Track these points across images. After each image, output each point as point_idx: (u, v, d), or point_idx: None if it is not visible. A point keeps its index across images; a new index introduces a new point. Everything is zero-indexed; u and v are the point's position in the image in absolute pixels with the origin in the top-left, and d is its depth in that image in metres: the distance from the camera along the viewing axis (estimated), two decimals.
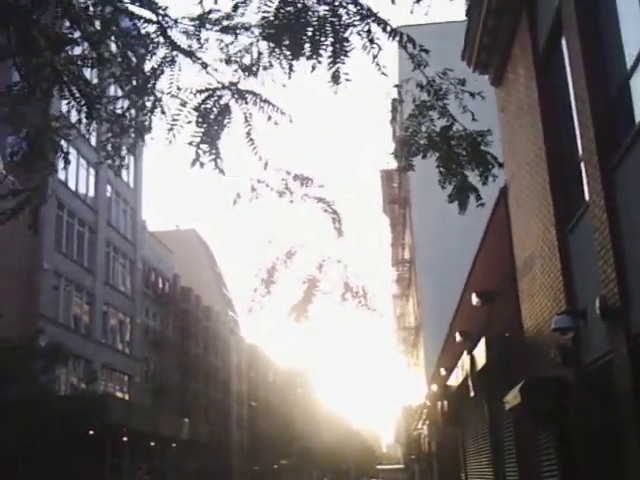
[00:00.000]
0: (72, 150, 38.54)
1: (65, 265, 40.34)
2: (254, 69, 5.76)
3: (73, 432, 30.77)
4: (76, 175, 42.40)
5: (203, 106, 5.88)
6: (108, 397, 40.13)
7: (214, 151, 5.91)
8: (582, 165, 8.88)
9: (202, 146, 5.86)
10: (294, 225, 7.01)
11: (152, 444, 43.79)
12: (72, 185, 42.00)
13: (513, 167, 12.31)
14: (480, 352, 13.69)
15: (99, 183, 45.54)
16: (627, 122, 7.56)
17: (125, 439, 38.42)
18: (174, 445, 47.88)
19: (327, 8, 5.52)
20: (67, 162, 6.73)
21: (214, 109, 5.91)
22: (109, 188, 47.77)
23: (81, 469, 33.14)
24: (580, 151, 8.91)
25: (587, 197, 8.62)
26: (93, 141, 42.20)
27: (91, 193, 45.05)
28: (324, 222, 6.86)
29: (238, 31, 5.69)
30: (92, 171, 44.23)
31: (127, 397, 47.41)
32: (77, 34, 5.91)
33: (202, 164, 5.92)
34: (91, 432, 33.76)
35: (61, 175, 39.28)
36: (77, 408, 31.52)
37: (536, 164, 10.66)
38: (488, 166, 6.77)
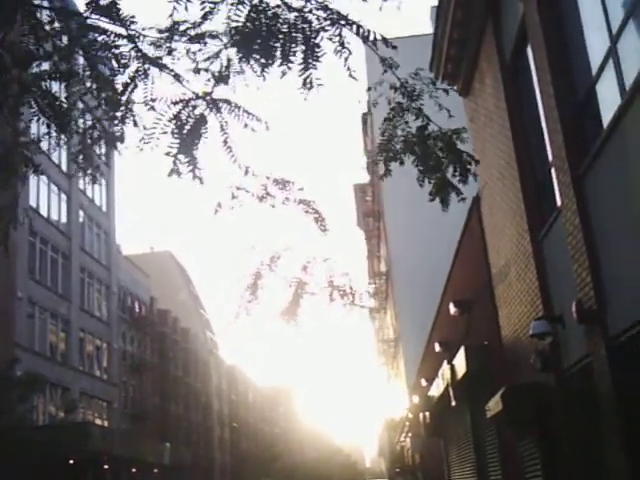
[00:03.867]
0: (43, 177, 38.30)
1: (39, 292, 39.90)
2: (225, 76, 5.78)
3: (53, 462, 30.36)
4: (48, 201, 42.07)
5: (178, 117, 5.88)
6: (88, 425, 39.61)
7: (192, 161, 5.90)
8: (553, 171, 8.99)
9: (179, 156, 5.85)
10: (276, 230, 7.09)
11: (134, 470, 43.22)
12: (44, 212, 41.62)
13: (485, 176, 12.41)
14: (460, 361, 13.73)
15: (71, 209, 45.18)
16: (595, 127, 7.68)
17: (106, 467, 37.90)
18: (156, 470, 47.30)
19: (296, 15, 5.55)
20: (39, 173, 6.70)
21: (189, 119, 5.92)
22: (81, 213, 47.40)
23: None
24: (550, 157, 9.02)
25: (559, 202, 8.71)
26: (64, 167, 42.13)
27: (63, 219, 44.67)
28: (306, 224, 6.95)
29: (206, 39, 5.71)
30: (64, 197, 43.91)
31: (107, 424, 46.83)
32: (44, 50, 5.90)
33: (179, 173, 5.90)
34: (71, 461, 33.29)
35: (32, 202, 38.98)
36: (56, 437, 31.12)
37: (507, 172, 10.77)
38: (465, 165, 6.79)
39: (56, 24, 5.66)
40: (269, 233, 7.08)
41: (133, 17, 5.60)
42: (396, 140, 6.75)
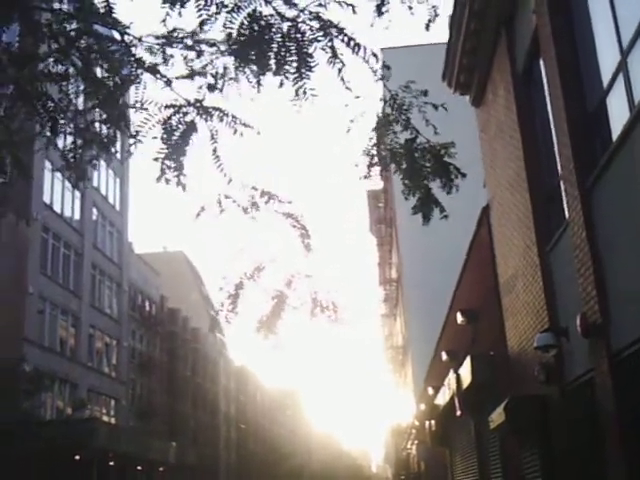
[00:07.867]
0: (57, 174, 38.52)
1: (50, 288, 40.10)
2: (219, 84, 5.79)
3: (59, 457, 30.49)
4: (61, 198, 42.29)
5: (168, 122, 5.90)
6: (95, 421, 39.76)
7: (178, 167, 5.91)
8: (562, 184, 8.97)
9: (167, 162, 5.86)
10: (262, 240, 7.02)
11: (139, 468, 43.34)
12: (57, 208, 41.87)
13: (495, 186, 12.40)
14: (466, 371, 13.70)
15: (85, 206, 45.41)
16: (604, 140, 7.66)
17: (112, 463, 38.02)
18: (162, 469, 47.41)
19: (290, 24, 5.55)
20: (28, 177, 6.75)
21: (180, 126, 5.93)
22: (95, 211, 47.63)
23: None
24: (559, 170, 9.00)
25: (567, 215, 8.69)
26: None
27: (77, 216, 44.91)
28: (292, 239, 6.90)
29: (202, 47, 5.73)
30: (77, 194, 44.13)
31: (114, 421, 46.99)
32: (41, 50, 5.94)
33: (167, 180, 5.93)
34: (77, 457, 33.42)
35: (46, 198, 39.23)
36: (63, 433, 31.25)
37: (517, 183, 10.75)
38: (451, 176, 6.79)
39: (54, 26, 5.67)
40: (254, 243, 7.00)
41: (127, 27, 5.61)
42: (382, 147, 6.72)
